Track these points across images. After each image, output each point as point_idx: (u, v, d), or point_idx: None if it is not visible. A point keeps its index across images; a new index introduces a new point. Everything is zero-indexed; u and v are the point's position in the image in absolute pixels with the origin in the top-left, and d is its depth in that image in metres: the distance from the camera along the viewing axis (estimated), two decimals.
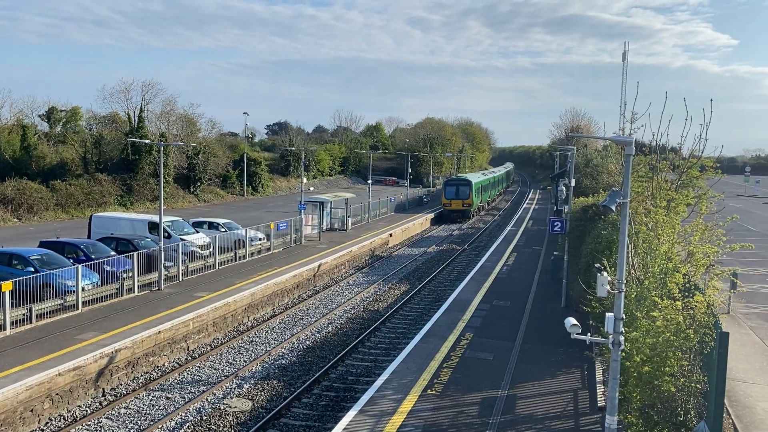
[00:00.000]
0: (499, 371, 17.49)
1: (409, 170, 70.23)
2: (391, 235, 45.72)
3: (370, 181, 57.26)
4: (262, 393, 18.24)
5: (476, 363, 18.10)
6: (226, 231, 34.25)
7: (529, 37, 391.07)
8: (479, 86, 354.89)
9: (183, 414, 16.69)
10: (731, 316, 20.68)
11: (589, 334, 11.84)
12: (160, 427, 15.92)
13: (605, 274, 10.76)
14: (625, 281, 10.95)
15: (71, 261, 23.63)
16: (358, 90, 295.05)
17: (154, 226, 30.41)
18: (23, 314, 19.80)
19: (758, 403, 13.67)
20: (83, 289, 21.80)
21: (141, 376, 19.01)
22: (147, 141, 33.59)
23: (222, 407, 17.15)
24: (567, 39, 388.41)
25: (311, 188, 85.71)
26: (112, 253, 25.68)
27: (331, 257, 33.91)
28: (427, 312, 27.02)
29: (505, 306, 25.27)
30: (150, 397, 17.65)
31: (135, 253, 24.12)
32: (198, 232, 32.69)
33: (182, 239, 29.54)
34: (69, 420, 16.17)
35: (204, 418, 16.48)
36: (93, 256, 24.68)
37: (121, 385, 18.29)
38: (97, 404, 17.12)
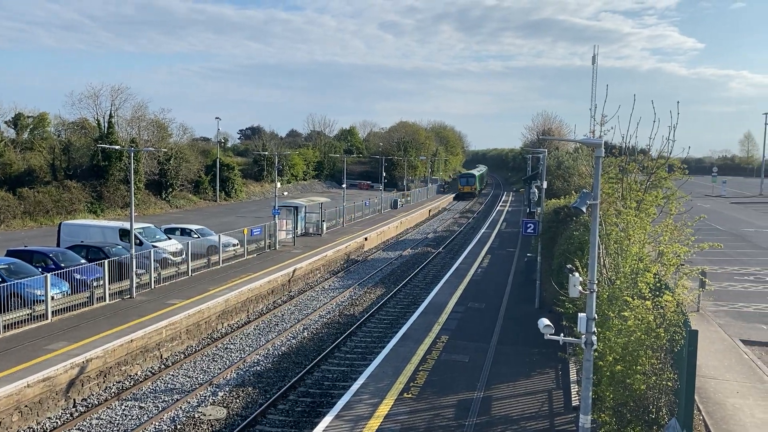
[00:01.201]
0: (474, 373, 17.57)
1: (384, 174, 70.36)
2: (366, 239, 45.72)
3: (344, 185, 57.23)
4: (237, 400, 18.05)
5: (452, 365, 18.17)
6: (198, 237, 33.88)
7: (501, 41, 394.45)
8: (455, 90, 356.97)
9: (157, 423, 16.42)
10: (700, 314, 21.11)
11: (562, 334, 11.97)
12: None
13: (577, 274, 10.89)
14: (596, 282, 11.09)
15: (40, 270, 23.12)
16: (332, 94, 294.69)
17: (125, 233, 29.95)
18: None
19: (728, 400, 13.95)
20: (52, 298, 21.34)
21: (113, 385, 18.66)
22: (117, 147, 33.07)
23: (196, 415, 16.92)
24: (539, 42, 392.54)
25: (285, 193, 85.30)
26: (82, 261, 25.20)
27: (305, 262, 33.78)
28: (402, 315, 27.08)
29: (480, 308, 25.45)
30: (122, 407, 17.34)
31: (106, 261, 23.71)
32: (170, 238, 32.29)
33: (154, 246, 29.16)
34: None
35: (178, 427, 16.24)
36: (62, 265, 24.19)
37: (93, 395, 17.93)
38: (68, 416, 16.76)
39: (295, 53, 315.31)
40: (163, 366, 20.53)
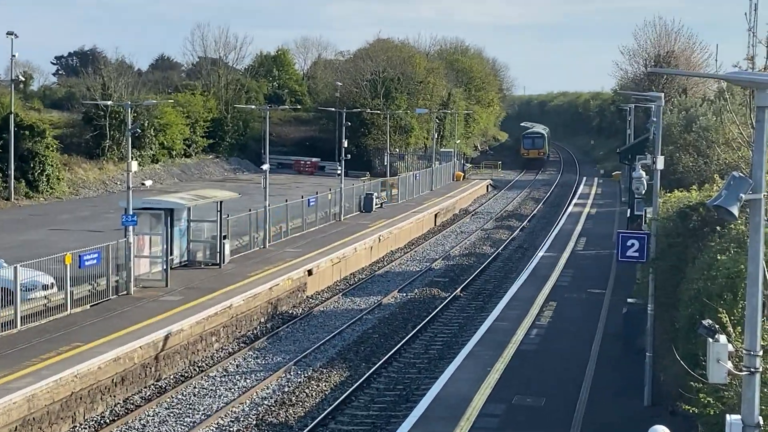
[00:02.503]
0: None
1: (346, 143, 69.82)
2: (310, 272, 45.56)
3: (267, 167, 56.80)
4: None
5: None
6: None
7: None
8: None
9: None
10: None
11: None
12: None
13: (723, 338, 10.95)
14: (761, 353, 11.16)
15: None
16: None
17: None
18: None
19: None
20: None
21: None
22: None
23: None
24: None
25: (148, 182, 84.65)
26: None
27: (190, 320, 33.62)
28: (383, 425, 27.08)
29: (537, 407, 25.47)
30: None
31: None
32: None
33: None
34: None
35: None
36: None
37: None
38: None
39: None
40: None
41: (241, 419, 27.76)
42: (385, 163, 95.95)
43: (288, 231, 55.46)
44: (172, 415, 28.06)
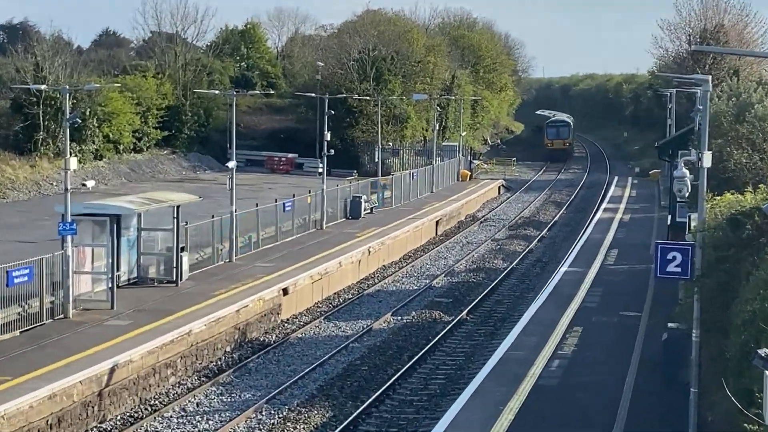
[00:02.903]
0: None
1: (328, 136, 69.73)
2: (285, 291, 45.52)
3: (233, 164, 56.77)
4: None
5: None
6: None
7: None
8: None
9: None
10: None
11: None
12: None
13: None
14: None
15: None
16: None
17: None
18: None
19: None
20: None
21: None
22: None
23: None
24: None
25: (90, 183, 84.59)
26: None
27: (141, 348, 33.55)
28: None
29: None
30: None
31: None
32: None
33: None
34: None
35: None
36: None
37: None
38: None
39: None
40: None
41: None
42: (376, 160, 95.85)
43: (259, 242, 55.46)
44: None
